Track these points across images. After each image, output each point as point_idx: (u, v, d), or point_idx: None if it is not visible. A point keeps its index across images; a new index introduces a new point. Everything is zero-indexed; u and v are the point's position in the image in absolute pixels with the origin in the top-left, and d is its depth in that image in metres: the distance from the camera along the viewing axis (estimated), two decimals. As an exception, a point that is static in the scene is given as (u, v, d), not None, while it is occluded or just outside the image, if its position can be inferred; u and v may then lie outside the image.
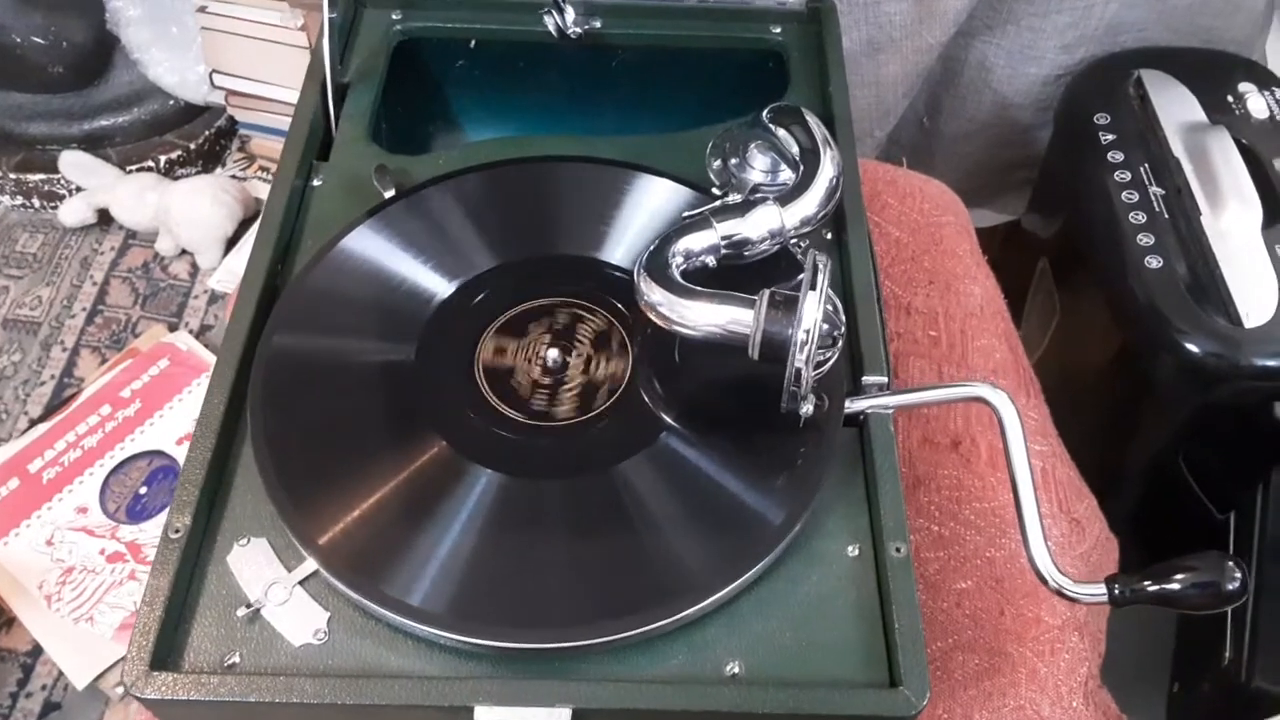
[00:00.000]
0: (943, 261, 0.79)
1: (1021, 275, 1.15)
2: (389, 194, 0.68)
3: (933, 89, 1.18)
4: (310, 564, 0.54)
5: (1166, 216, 0.93)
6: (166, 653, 0.52)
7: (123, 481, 1.28)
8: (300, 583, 0.54)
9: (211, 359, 1.36)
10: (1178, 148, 0.96)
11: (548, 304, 0.64)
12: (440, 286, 0.64)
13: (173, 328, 1.46)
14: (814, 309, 0.52)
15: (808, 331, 0.53)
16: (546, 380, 0.61)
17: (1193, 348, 0.87)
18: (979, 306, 0.77)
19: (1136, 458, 1.02)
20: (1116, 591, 0.55)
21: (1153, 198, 0.95)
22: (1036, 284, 1.12)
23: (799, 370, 0.52)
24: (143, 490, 1.28)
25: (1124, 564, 0.81)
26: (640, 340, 0.63)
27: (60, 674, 1.16)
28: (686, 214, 0.63)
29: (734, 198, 0.63)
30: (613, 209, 0.68)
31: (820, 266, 0.54)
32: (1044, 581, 0.56)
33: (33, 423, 1.33)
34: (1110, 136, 0.99)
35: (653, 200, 0.68)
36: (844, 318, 0.55)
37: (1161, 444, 0.99)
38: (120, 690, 1.14)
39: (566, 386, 0.61)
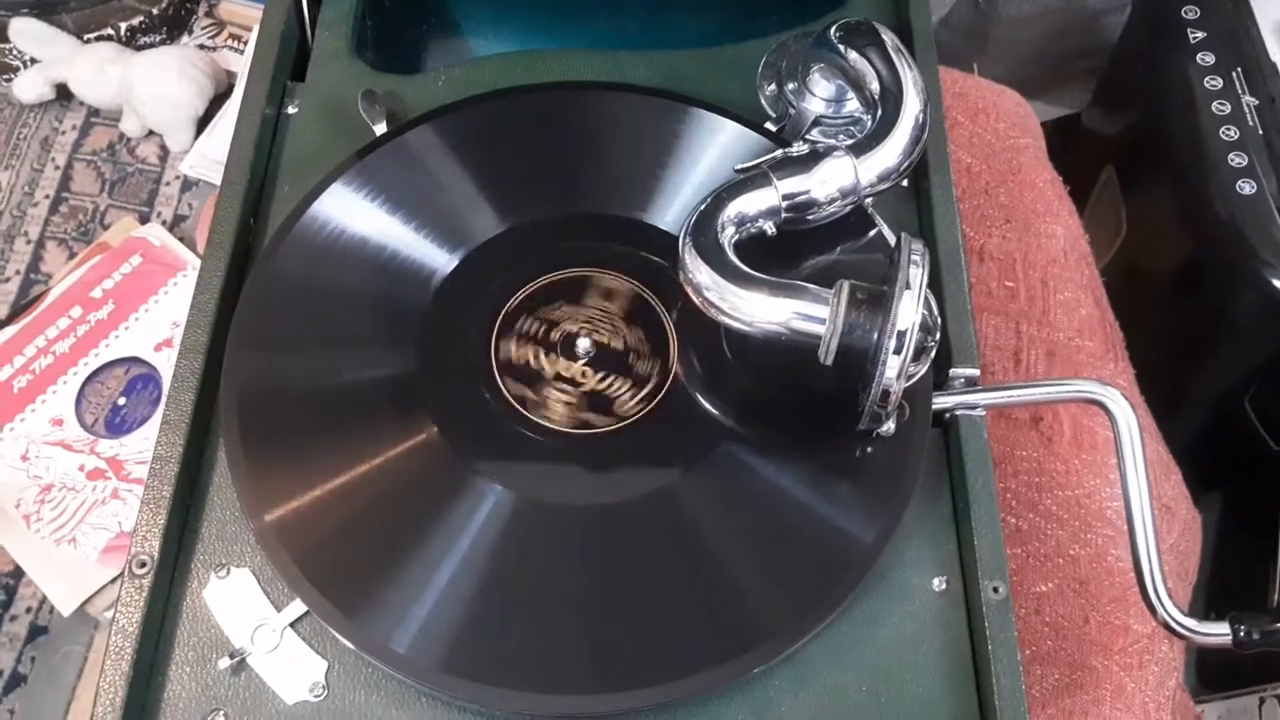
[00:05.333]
0: (1021, 195, 0.69)
1: (1080, 175, 1.04)
2: (379, 128, 0.57)
3: (993, -34, 1.04)
4: (301, 603, 0.46)
5: (1260, 132, 0.82)
6: (138, 714, 0.44)
7: (99, 391, 1.20)
8: (292, 625, 0.46)
9: (186, 254, 1.26)
10: (1275, 51, 0.84)
11: (575, 279, 0.54)
12: (440, 260, 0.54)
13: (144, 219, 1.35)
14: (910, 313, 0.43)
15: (902, 336, 0.43)
16: (578, 376, 0.52)
17: (1280, 284, 0.78)
18: (1062, 251, 0.67)
19: (1200, 391, 0.95)
20: (1242, 634, 0.48)
21: (1246, 109, 0.83)
22: (1099, 194, 1.01)
23: (886, 390, 0.43)
24: (121, 401, 1.20)
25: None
26: (679, 314, 0.53)
27: (45, 596, 1.11)
28: (739, 166, 0.52)
29: (798, 148, 0.52)
30: (658, 154, 0.56)
31: (917, 258, 0.43)
32: (1153, 613, 0.48)
33: (-1, 325, 1.23)
34: (1199, 34, 0.87)
35: (706, 143, 0.57)
36: (939, 318, 0.46)
37: (1229, 380, 0.91)
38: (110, 614, 1.08)
39: (603, 383, 0.51)
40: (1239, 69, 0.85)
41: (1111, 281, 0.97)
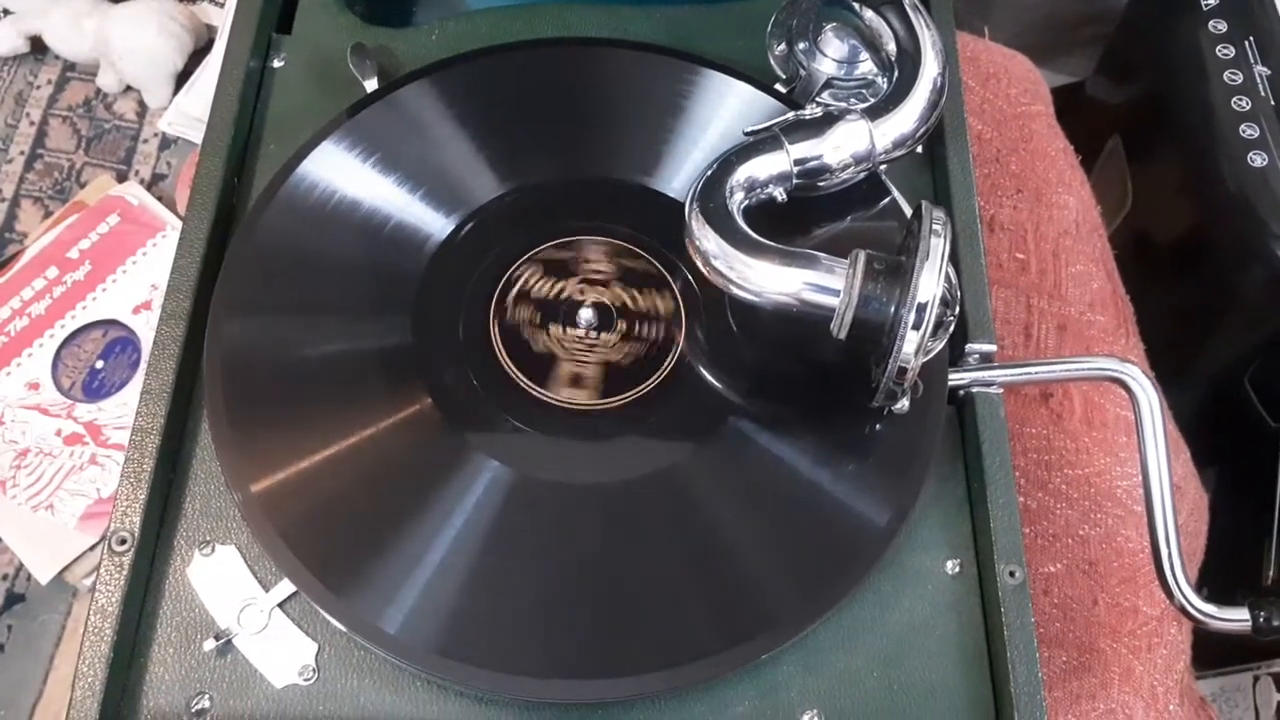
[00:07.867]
0: (1033, 164, 0.67)
1: (1084, 144, 1.02)
2: (370, 84, 0.54)
3: (1000, -74, 1.02)
4: (290, 583, 0.44)
5: (1273, 103, 0.80)
6: (119, 697, 0.42)
7: (76, 354, 1.17)
8: (280, 605, 0.44)
9: (165, 214, 1.23)
10: (1290, 17, 0.82)
11: (578, 246, 0.51)
12: (436, 224, 0.51)
13: (121, 177, 1.32)
14: (931, 285, 0.41)
15: (922, 309, 0.41)
16: (580, 348, 0.49)
17: (1291, 259, 0.76)
18: (1073, 223, 0.65)
19: (1200, 367, 0.94)
20: (1261, 620, 0.46)
21: (1258, 79, 0.81)
22: (1103, 164, 0.99)
23: (903, 367, 0.41)
24: (99, 364, 1.17)
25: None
26: (680, 279, 0.51)
27: (22, 563, 1.09)
28: (749, 129, 0.50)
29: (811, 110, 0.50)
30: (662, 115, 0.54)
31: (938, 227, 0.41)
32: (1170, 597, 0.47)
33: (-28, 287, 1.20)
34: (1211, 1, 0.85)
35: (713, 105, 0.54)
36: (960, 292, 0.44)
37: (1231, 356, 0.90)
38: (88, 582, 1.06)
39: (604, 355, 0.49)
40: (1251, 38, 0.83)
41: (1115, 254, 0.96)
